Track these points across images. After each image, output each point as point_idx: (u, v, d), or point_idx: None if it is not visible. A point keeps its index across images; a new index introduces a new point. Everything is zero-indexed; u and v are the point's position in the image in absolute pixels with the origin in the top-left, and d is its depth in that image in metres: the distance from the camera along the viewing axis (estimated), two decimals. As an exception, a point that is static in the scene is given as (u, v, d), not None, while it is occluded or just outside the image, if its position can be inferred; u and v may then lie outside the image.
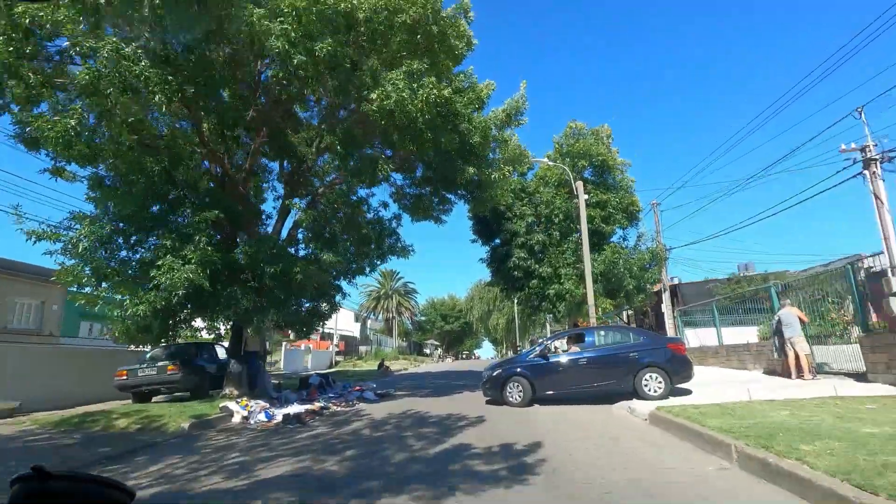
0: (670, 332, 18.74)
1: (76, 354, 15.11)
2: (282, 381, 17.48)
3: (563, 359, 9.94)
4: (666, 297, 18.87)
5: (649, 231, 19.28)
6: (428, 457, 5.80)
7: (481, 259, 20.62)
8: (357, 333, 49.06)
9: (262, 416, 9.63)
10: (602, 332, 10.60)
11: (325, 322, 14.53)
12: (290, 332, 13.81)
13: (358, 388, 16.02)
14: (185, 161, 11.13)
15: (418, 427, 7.87)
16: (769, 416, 6.36)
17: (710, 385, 10.44)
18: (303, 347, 28.30)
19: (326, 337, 38.94)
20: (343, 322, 52.25)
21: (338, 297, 14.62)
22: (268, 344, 22.46)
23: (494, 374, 10.38)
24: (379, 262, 15.13)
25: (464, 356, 78.31)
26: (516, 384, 9.88)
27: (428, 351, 67.85)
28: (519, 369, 10.06)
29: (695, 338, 18.45)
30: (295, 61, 7.89)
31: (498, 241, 19.74)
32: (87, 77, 7.20)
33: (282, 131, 12.78)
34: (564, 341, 10.88)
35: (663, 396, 8.79)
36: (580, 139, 18.51)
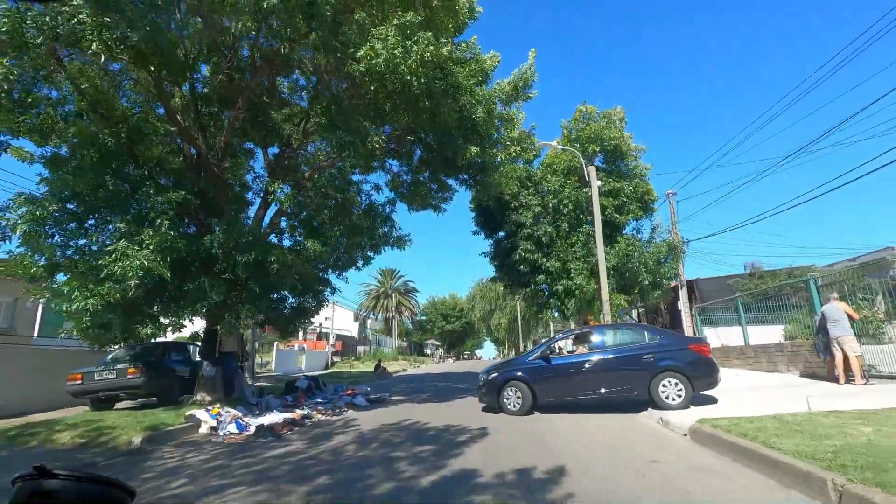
0: (688, 331, 17.40)
1: (45, 356, 13.84)
2: (269, 383, 16.19)
3: (568, 361, 8.86)
4: (683, 293, 17.54)
5: (664, 223, 17.96)
6: (422, 487, 4.50)
7: (484, 253, 19.31)
8: (355, 333, 47.77)
9: (232, 427, 8.33)
10: (613, 332, 9.52)
11: (312, 320, 13.20)
12: (276, 330, 12.42)
13: (349, 392, 14.74)
14: (150, 135, 9.84)
15: (412, 444, 6.56)
16: (850, 435, 5.03)
17: (739, 391, 9.13)
18: (296, 348, 26.96)
19: (323, 337, 37.66)
20: (341, 322, 51.02)
21: (326, 293, 13.31)
22: (256, 344, 21.13)
23: (490, 377, 9.34)
24: (373, 254, 13.82)
25: (465, 356, 77.02)
26: (514, 389, 8.89)
27: (429, 351, 66.57)
28: (518, 373, 9.03)
29: (715, 337, 17.11)
30: (265, 4, 6.58)
31: (502, 233, 18.41)
32: (6, 23, 5.91)
33: (263, 107, 11.49)
34: (570, 341, 9.73)
35: (683, 406, 7.75)
36: (591, 123, 17.15)
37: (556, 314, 18.86)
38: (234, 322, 9.62)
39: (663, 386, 7.93)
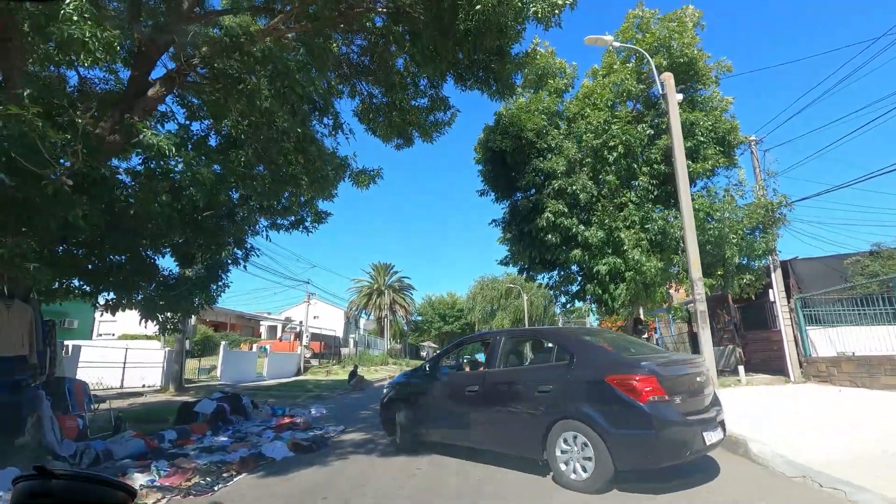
0: (785, 334, 12.16)
1: None
2: (192, 397, 10.77)
3: (452, 382, 6.06)
4: (776, 277, 12.32)
5: (747, 180, 12.70)
6: None
7: (493, 221, 14.04)
8: (340, 333, 42.46)
9: None
10: (512, 341, 5.87)
11: (210, 305, 7.90)
12: (146, 317, 7.09)
13: (288, 418, 9.52)
14: None
15: None
16: None
17: None
18: (254, 349, 21.70)
19: (303, 337, 32.34)
20: (330, 321, 45.77)
21: (239, 256, 8.06)
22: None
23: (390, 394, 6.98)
24: (318, 199, 8.63)
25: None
26: (401, 411, 6.45)
27: (425, 354, 61.23)
28: (393, 391, 6.95)
29: (825, 341, 11.87)
30: None
31: (518, 195, 13.15)
32: None
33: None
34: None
35: (592, 486, 4.28)
36: (651, 30, 11.88)
37: (595, 307, 13.61)
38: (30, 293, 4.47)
39: (563, 446, 4.54)
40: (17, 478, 1.08)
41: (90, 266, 6.24)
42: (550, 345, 5.26)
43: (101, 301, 7.10)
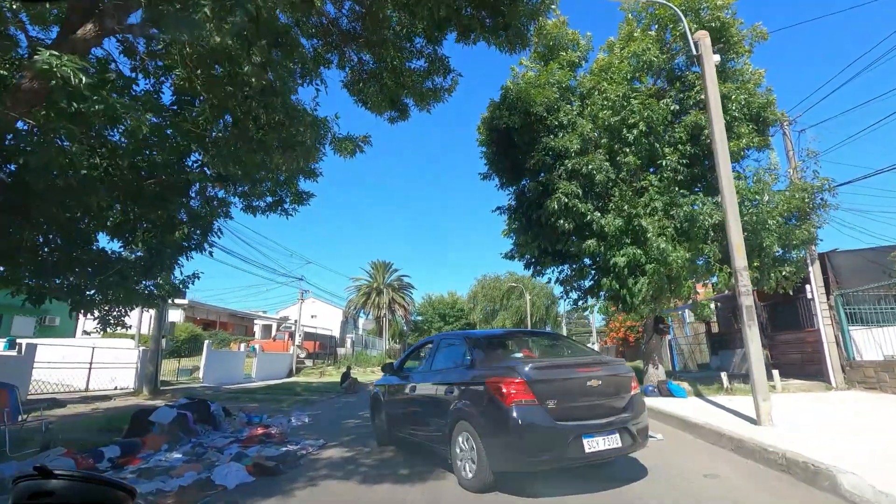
0: (826, 332, 10.87)
1: None
2: (168, 402, 9.44)
3: (403, 383, 6.26)
4: (814, 270, 11.03)
5: (780, 163, 11.38)
6: None
7: (498, 208, 12.75)
8: (337, 333, 41.18)
9: None
10: (444, 344, 6.08)
11: (171, 298, 6.64)
12: (79, 311, 5.83)
13: (262, 429, 8.27)
14: None
15: None
16: None
17: None
18: (241, 349, 20.40)
19: (295, 336, 31.04)
20: (327, 320, 44.52)
21: (196, 239, 6.77)
22: (165, 340, 14.40)
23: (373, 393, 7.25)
24: (297, 176, 7.38)
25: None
26: (378, 410, 6.92)
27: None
28: (375, 390, 7.15)
29: (870, 343, 10.59)
30: None
31: (526, 181, 11.84)
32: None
33: None
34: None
35: (478, 486, 4.34)
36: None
37: (607, 305, 12.27)
38: None
39: (461, 445, 4.59)
40: (17, 477, 1.09)
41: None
42: (463, 348, 5.34)
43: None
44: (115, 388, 13.62)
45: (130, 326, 9.28)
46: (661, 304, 11.07)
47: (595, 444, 4.15)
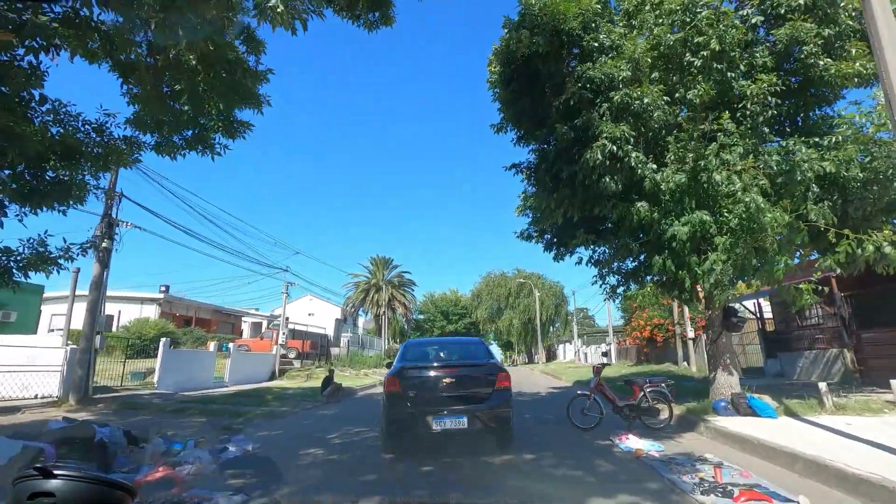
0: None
1: None
2: (114, 415, 6.60)
3: None
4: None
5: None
6: None
7: (513, 167, 9.94)
8: (332, 332, 38.46)
9: None
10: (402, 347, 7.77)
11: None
12: None
13: (163, 470, 5.50)
14: None
15: None
16: None
17: None
18: (212, 348, 17.60)
19: (279, 334, 28.32)
20: (323, 318, 41.87)
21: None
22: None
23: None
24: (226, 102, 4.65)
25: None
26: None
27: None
28: None
29: None
30: None
31: (550, 132, 9.01)
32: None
33: None
34: None
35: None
36: None
37: (660, 293, 9.44)
38: None
39: None
40: (17, 477, 1.09)
41: None
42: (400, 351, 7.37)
43: None
44: (35, 397, 10.92)
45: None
46: (733, 291, 8.22)
47: (440, 425, 5.71)
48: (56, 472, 1.08)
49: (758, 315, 15.33)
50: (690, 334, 18.52)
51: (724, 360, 8.42)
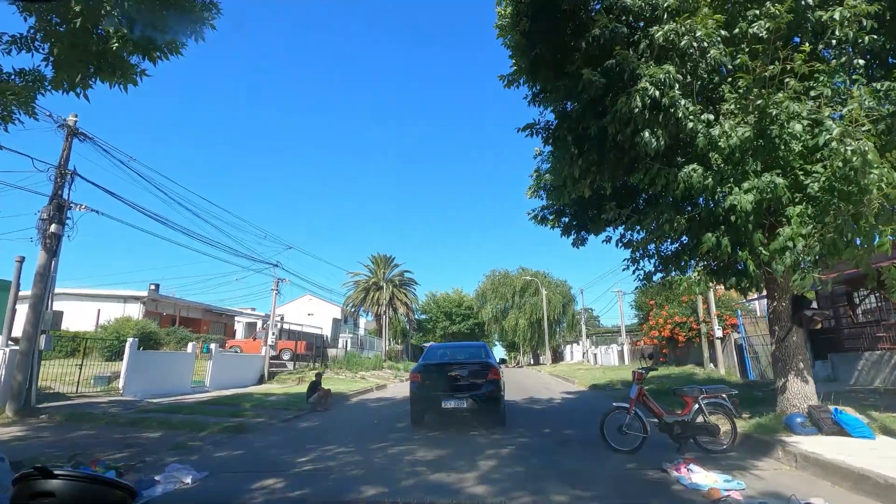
0: None
1: None
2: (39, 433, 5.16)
3: None
4: None
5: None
6: None
7: (528, 127, 8.21)
8: (329, 332, 36.86)
9: None
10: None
11: None
12: None
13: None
14: None
15: None
16: None
17: None
18: (190, 349, 15.90)
19: (268, 335, 26.69)
20: (322, 318, 40.33)
21: None
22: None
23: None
24: None
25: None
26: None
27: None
28: None
29: None
30: None
31: (575, 87, 7.30)
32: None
33: None
34: None
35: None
36: None
37: (710, 280, 7.74)
38: None
39: None
40: (17, 477, 1.08)
41: None
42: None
43: None
44: (-35, 407, 9.36)
45: None
46: (818, 275, 6.49)
47: (449, 404, 7.85)
48: (56, 472, 1.08)
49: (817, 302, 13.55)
50: (718, 333, 16.80)
51: (795, 363, 6.72)
